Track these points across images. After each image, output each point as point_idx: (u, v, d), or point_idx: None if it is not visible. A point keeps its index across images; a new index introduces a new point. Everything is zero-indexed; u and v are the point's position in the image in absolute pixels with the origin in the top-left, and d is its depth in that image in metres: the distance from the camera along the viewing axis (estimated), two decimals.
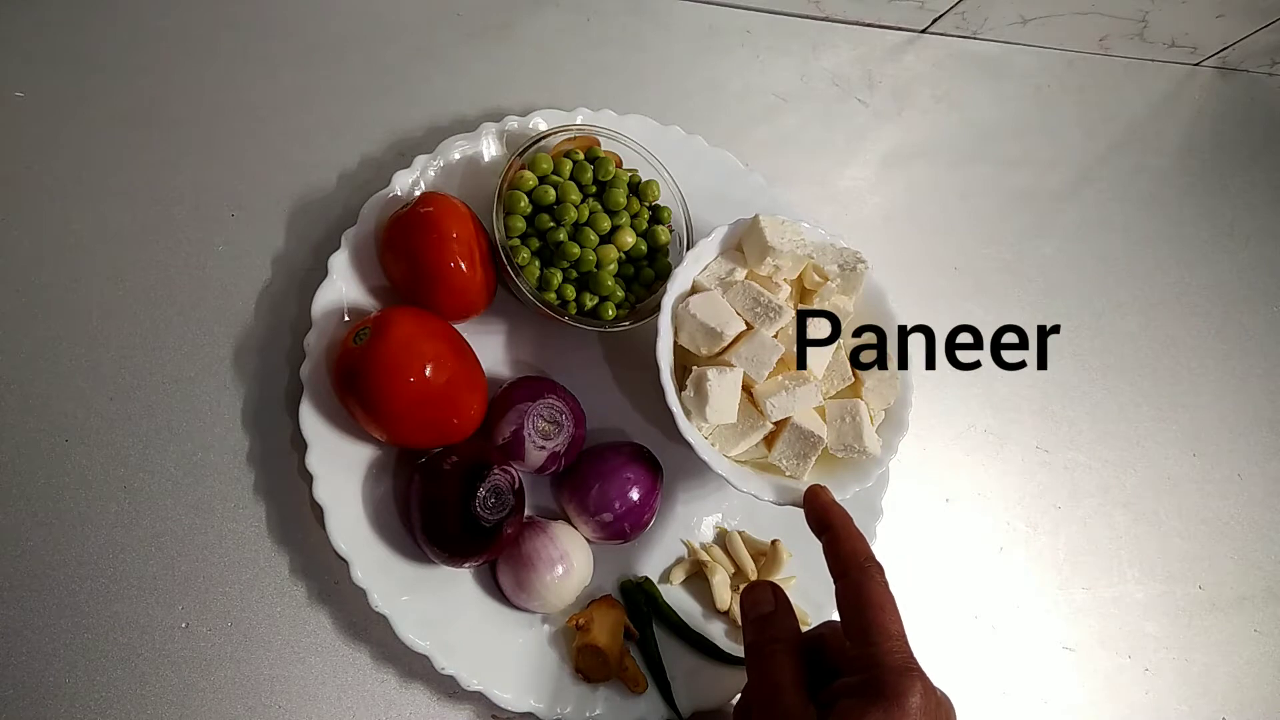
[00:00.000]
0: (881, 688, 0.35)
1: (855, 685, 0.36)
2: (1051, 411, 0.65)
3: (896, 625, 0.37)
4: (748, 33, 0.67)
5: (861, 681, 0.36)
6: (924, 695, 0.35)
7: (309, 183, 0.52)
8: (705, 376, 0.46)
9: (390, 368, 0.42)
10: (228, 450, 0.46)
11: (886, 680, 0.35)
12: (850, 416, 0.49)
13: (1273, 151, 0.81)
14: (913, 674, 0.35)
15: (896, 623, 0.38)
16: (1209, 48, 0.80)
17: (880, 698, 0.35)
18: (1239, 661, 0.63)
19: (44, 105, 0.49)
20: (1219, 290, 0.74)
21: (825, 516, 0.42)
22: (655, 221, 0.52)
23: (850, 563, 0.39)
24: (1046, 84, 0.76)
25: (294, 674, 0.44)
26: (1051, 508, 0.63)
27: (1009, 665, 0.58)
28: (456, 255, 0.46)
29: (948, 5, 0.69)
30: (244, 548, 0.45)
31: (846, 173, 0.66)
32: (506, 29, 0.60)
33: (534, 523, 0.47)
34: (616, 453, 0.49)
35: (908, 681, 0.35)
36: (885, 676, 0.35)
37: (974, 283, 0.67)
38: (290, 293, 0.49)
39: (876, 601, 0.38)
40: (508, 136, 0.53)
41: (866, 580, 0.38)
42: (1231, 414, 0.70)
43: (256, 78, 0.53)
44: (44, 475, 0.44)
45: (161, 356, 0.47)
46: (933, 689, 0.36)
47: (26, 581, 0.42)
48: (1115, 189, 0.75)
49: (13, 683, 0.41)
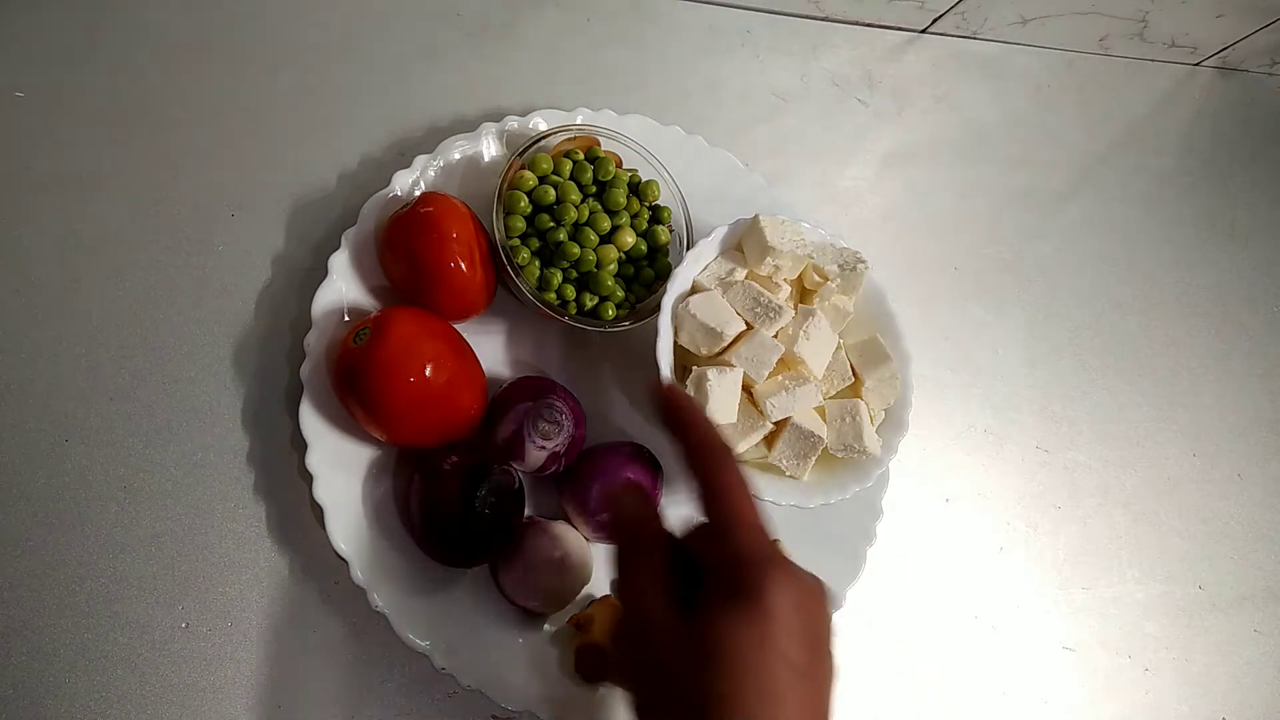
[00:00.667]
0: (741, 584, 0.33)
1: (717, 585, 0.34)
2: (1051, 411, 0.65)
3: (752, 514, 0.35)
4: (748, 33, 0.67)
5: (722, 580, 0.34)
6: (787, 586, 0.33)
7: (309, 183, 0.52)
8: (705, 376, 0.46)
9: (390, 368, 0.42)
10: (228, 450, 0.46)
11: (745, 576, 0.33)
12: (850, 416, 0.49)
13: (1273, 151, 0.81)
14: (772, 564, 0.33)
15: (752, 512, 0.35)
16: (1209, 48, 0.80)
17: (740, 595, 0.32)
18: (1239, 661, 0.63)
19: (44, 105, 0.49)
20: (1219, 290, 0.74)
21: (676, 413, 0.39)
22: (655, 221, 0.52)
23: (702, 455, 0.37)
24: (1046, 84, 0.76)
25: (294, 674, 0.44)
26: (1051, 508, 0.63)
27: (1009, 665, 0.58)
28: (456, 255, 0.46)
29: (948, 5, 0.69)
30: (244, 548, 0.45)
31: (846, 173, 0.66)
32: (506, 29, 0.60)
33: (534, 523, 0.47)
34: (616, 453, 0.49)
35: (767, 574, 0.33)
36: (744, 572, 0.33)
37: (974, 283, 0.67)
38: (290, 293, 0.49)
39: (735, 493, 0.35)
40: (508, 136, 0.53)
41: (720, 470, 0.36)
42: (1231, 414, 0.70)
43: (257, 78, 0.53)
44: (44, 475, 0.44)
45: (161, 356, 0.47)
46: (797, 577, 0.34)
47: (26, 581, 0.42)
48: (1115, 189, 0.75)
49: (13, 683, 0.41)
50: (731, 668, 0.31)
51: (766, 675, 0.31)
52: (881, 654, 0.55)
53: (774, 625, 0.32)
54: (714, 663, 0.31)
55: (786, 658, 0.32)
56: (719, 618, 0.32)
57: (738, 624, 0.32)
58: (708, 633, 0.32)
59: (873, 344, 0.51)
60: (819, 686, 0.33)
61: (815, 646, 0.33)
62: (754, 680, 0.31)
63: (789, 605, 0.32)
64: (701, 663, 0.32)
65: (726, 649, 0.31)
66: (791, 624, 0.32)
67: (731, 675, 0.31)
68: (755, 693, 0.31)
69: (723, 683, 0.31)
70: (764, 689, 0.31)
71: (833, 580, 0.52)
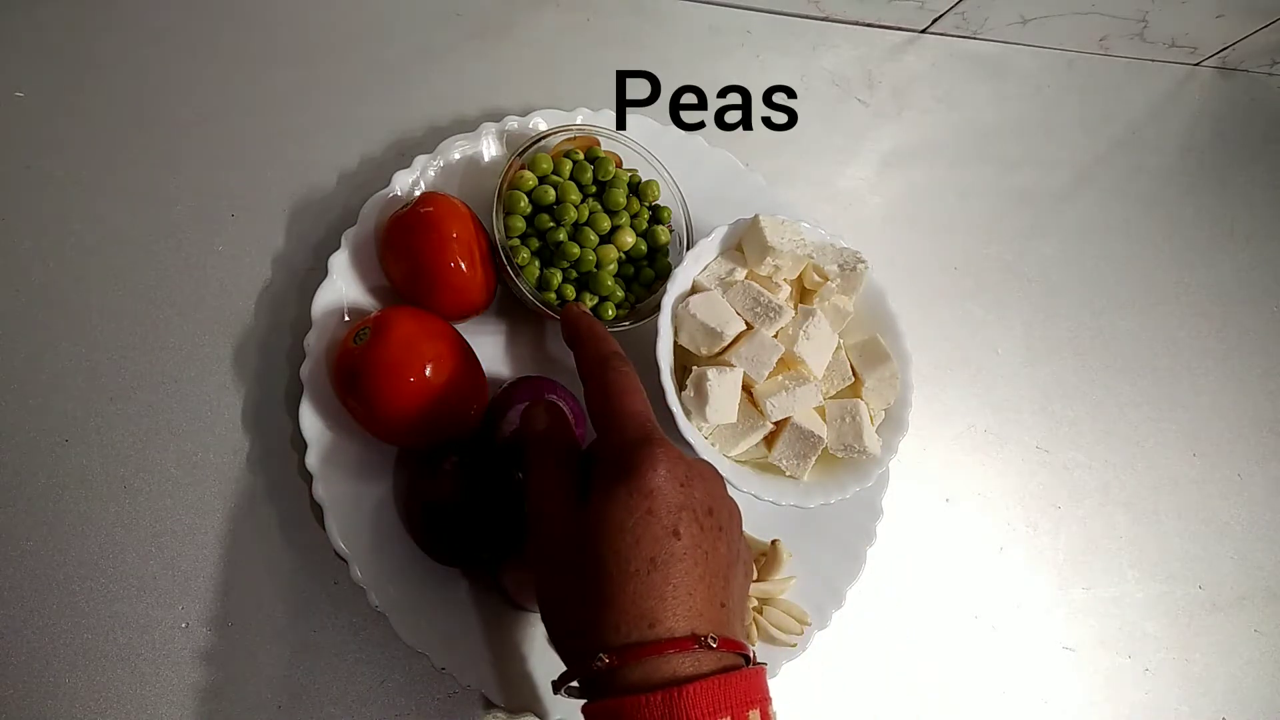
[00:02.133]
0: (622, 465, 0.34)
1: (602, 469, 0.35)
2: (1051, 411, 0.65)
3: (637, 405, 0.37)
4: (748, 33, 0.67)
5: (607, 464, 0.35)
6: (668, 464, 0.34)
7: (309, 183, 0.52)
8: (705, 376, 0.46)
9: (390, 368, 0.42)
10: (228, 450, 0.46)
11: (626, 457, 0.34)
12: (850, 416, 0.49)
13: (1273, 151, 0.81)
14: (652, 443, 0.35)
15: (638, 403, 0.37)
16: (1209, 48, 0.80)
17: (622, 473, 0.34)
18: (1239, 661, 0.63)
19: (44, 105, 0.49)
20: (1219, 290, 0.74)
21: (574, 326, 0.42)
22: (655, 221, 0.52)
23: (594, 362, 0.39)
24: (1046, 84, 0.76)
25: (294, 674, 0.44)
26: (1051, 508, 0.63)
27: (1009, 665, 0.58)
28: (456, 255, 0.46)
29: (948, 5, 0.69)
30: (244, 547, 0.45)
31: (846, 173, 0.66)
32: (506, 29, 0.60)
33: None
34: None
35: (647, 451, 0.34)
36: (626, 454, 0.34)
37: (974, 283, 0.67)
38: (290, 293, 0.49)
39: (618, 388, 0.37)
40: (508, 136, 0.53)
41: (608, 372, 0.38)
42: (1231, 414, 0.70)
43: (256, 78, 0.53)
44: (44, 475, 0.44)
45: (161, 356, 0.47)
46: (678, 456, 0.35)
47: (26, 581, 0.42)
48: (1115, 189, 0.75)
49: (13, 683, 0.41)
50: (617, 537, 0.33)
51: (650, 544, 0.33)
52: (881, 654, 0.55)
53: (656, 499, 0.33)
54: (600, 534, 0.33)
55: (671, 529, 0.33)
56: (604, 493, 0.34)
57: (621, 498, 0.33)
58: (594, 509, 0.34)
59: (873, 344, 0.51)
60: (713, 561, 0.34)
61: (705, 523, 0.34)
62: (638, 549, 0.32)
63: (672, 481, 0.34)
64: (591, 535, 0.33)
65: (611, 520, 0.33)
66: (674, 498, 0.34)
67: (616, 544, 0.33)
68: (640, 560, 0.32)
69: (609, 551, 0.33)
70: (648, 556, 0.32)
71: (833, 580, 0.53)
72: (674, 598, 0.32)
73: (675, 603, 0.32)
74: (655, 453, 0.34)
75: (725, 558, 0.35)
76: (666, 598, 0.32)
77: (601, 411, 0.37)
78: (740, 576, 0.37)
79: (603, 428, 0.37)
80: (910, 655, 0.56)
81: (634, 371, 0.39)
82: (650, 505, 0.33)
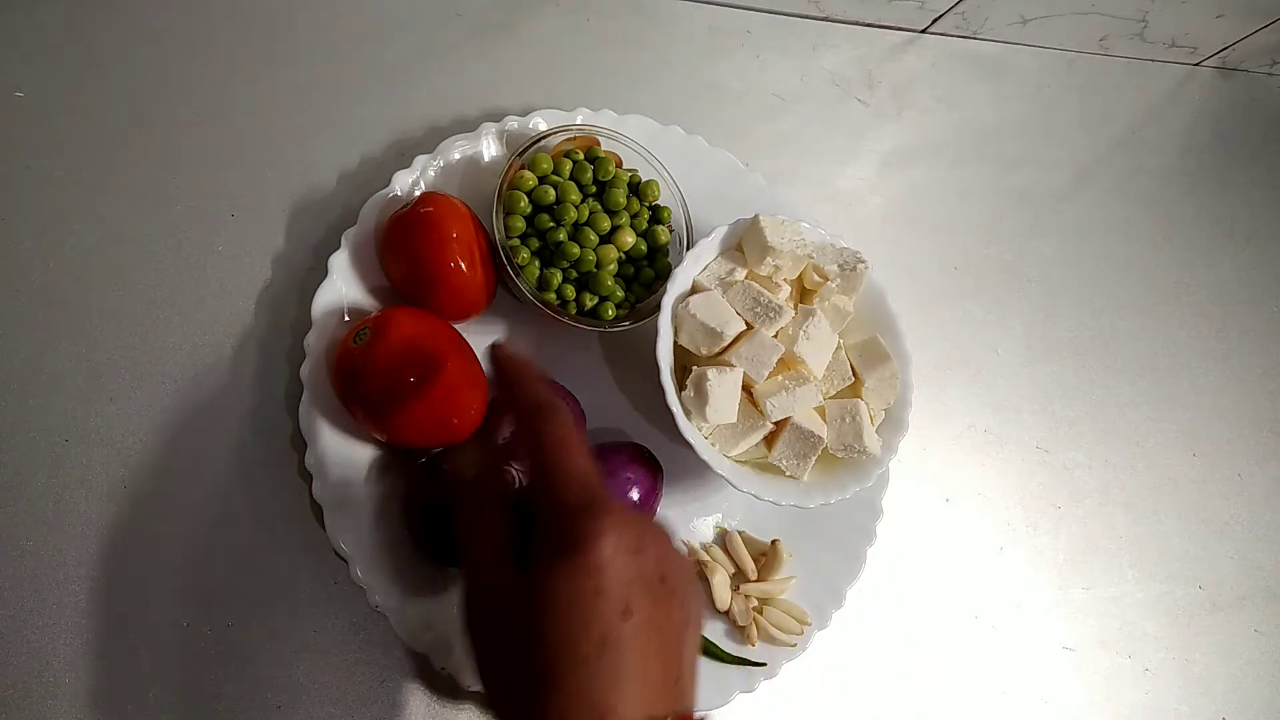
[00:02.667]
0: (567, 534, 0.31)
1: (546, 537, 0.32)
2: (1051, 411, 0.65)
3: (581, 461, 0.34)
4: (748, 33, 0.67)
5: (550, 532, 0.32)
6: (617, 532, 0.31)
7: (309, 183, 0.52)
8: (705, 376, 0.46)
9: (390, 368, 0.42)
10: (228, 450, 0.46)
11: (571, 526, 0.31)
12: (850, 416, 0.49)
13: (1273, 151, 0.81)
14: (598, 511, 0.31)
15: (580, 459, 0.34)
16: (1209, 48, 0.80)
17: (567, 545, 0.31)
18: (1239, 661, 0.63)
19: (44, 105, 0.49)
20: (1219, 290, 0.74)
21: (504, 369, 0.39)
22: (655, 221, 0.52)
23: (530, 410, 0.35)
24: (1046, 84, 0.76)
25: (294, 674, 0.44)
26: (1051, 508, 0.63)
27: (1009, 665, 0.58)
28: (456, 255, 0.46)
29: (948, 5, 0.69)
30: (244, 548, 0.45)
31: (846, 173, 0.66)
32: (506, 29, 0.60)
33: None
34: (616, 453, 0.49)
35: (593, 519, 0.31)
36: (570, 523, 0.31)
37: (974, 283, 0.67)
38: (290, 293, 0.49)
39: (557, 441, 0.34)
40: (508, 136, 0.53)
41: (546, 423, 0.35)
42: (1231, 414, 0.70)
43: (256, 78, 0.53)
44: (44, 475, 0.44)
45: (161, 356, 0.47)
46: (630, 523, 0.32)
47: (26, 581, 0.42)
48: (1115, 189, 0.75)
49: (13, 683, 0.41)
50: (563, 620, 0.30)
51: (599, 626, 0.30)
52: (881, 654, 0.55)
53: (605, 574, 0.31)
54: (545, 616, 0.30)
55: (622, 606, 0.31)
56: (548, 571, 0.31)
57: (566, 575, 0.31)
58: (538, 587, 0.31)
59: (873, 344, 0.51)
60: (666, 633, 0.32)
61: (658, 592, 0.32)
62: (586, 630, 0.30)
63: (622, 552, 0.31)
64: (534, 617, 0.31)
65: (556, 601, 0.30)
66: (624, 571, 0.31)
67: (563, 626, 0.30)
68: (589, 643, 0.30)
69: (555, 634, 0.30)
70: (598, 638, 0.30)
71: (833, 580, 0.53)
72: (627, 682, 0.30)
73: (628, 688, 0.30)
74: (602, 522, 0.31)
75: (678, 624, 0.33)
76: (619, 683, 0.30)
77: (541, 468, 0.34)
78: (693, 637, 0.34)
79: (543, 484, 0.34)
80: (910, 655, 0.56)
81: (571, 420, 0.36)
82: (598, 582, 0.30)
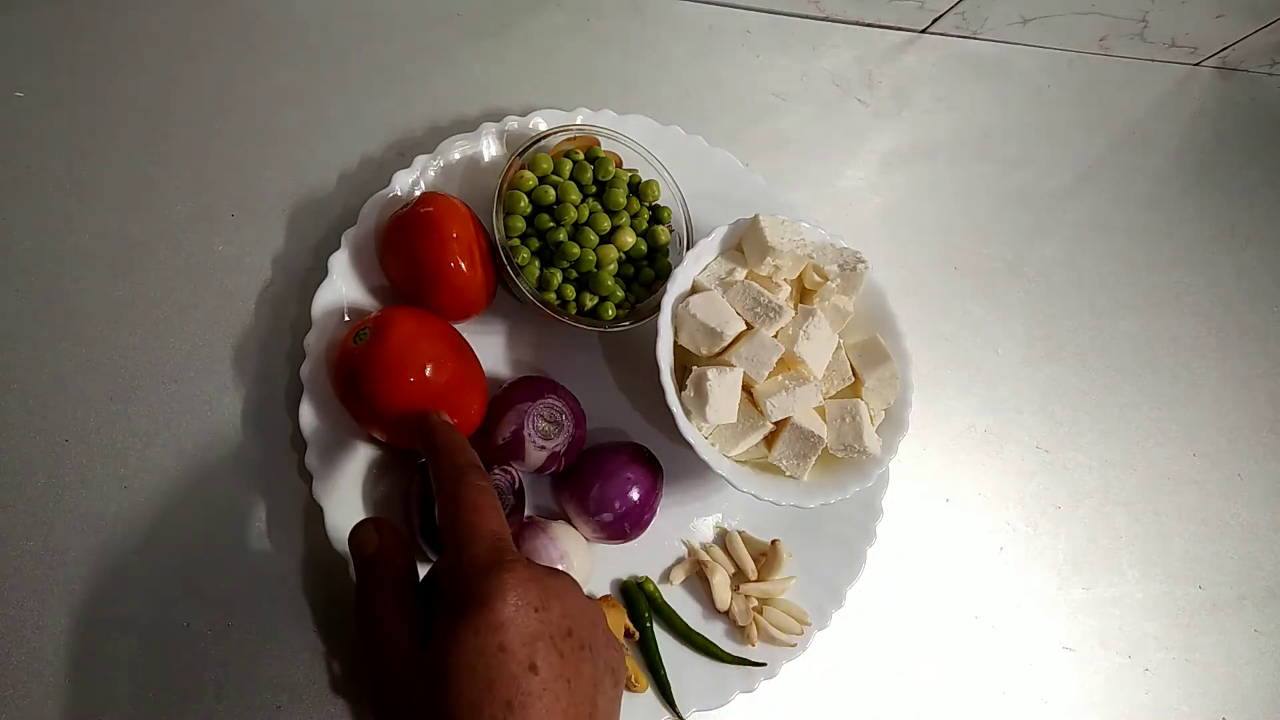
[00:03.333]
0: (468, 595, 0.30)
1: (448, 601, 0.31)
2: (1051, 411, 0.65)
3: (491, 523, 0.33)
4: (748, 33, 0.67)
5: (452, 595, 0.31)
6: (520, 589, 0.30)
7: (309, 183, 0.52)
8: (705, 376, 0.46)
9: (390, 368, 0.42)
10: (228, 450, 0.46)
11: (472, 587, 0.30)
12: (850, 416, 0.49)
13: (1273, 151, 0.81)
14: (500, 569, 0.30)
15: (490, 519, 0.33)
16: (1209, 48, 0.80)
17: (468, 607, 0.30)
18: (1239, 661, 0.63)
19: (44, 105, 0.49)
20: (1219, 290, 0.74)
21: (431, 435, 0.38)
22: (655, 221, 0.52)
23: (448, 475, 0.35)
24: (1046, 84, 0.76)
25: (294, 674, 0.44)
26: (1051, 508, 0.63)
27: (1009, 665, 0.58)
28: (456, 255, 0.46)
29: (948, 5, 0.69)
30: (244, 547, 0.45)
31: (846, 173, 0.66)
32: (506, 29, 0.60)
33: (534, 523, 0.47)
34: (616, 453, 0.49)
35: (494, 577, 0.30)
36: (471, 584, 0.30)
37: (974, 283, 0.67)
38: (290, 293, 0.49)
39: (469, 504, 0.33)
40: (508, 136, 0.53)
41: (461, 486, 0.34)
42: (1231, 414, 0.70)
43: (256, 78, 0.53)
44: (44, 475, 0.44)
45: (161, 356, 0.47)
46: (534, 578, 0.31)
47: (26, 581, 0.42)
48: (1115, 189, 0.75)
49: (13, 682, 0.41)
50: (467, 683, 0.29)
51: (505, 685, 0.29)
52: (881, 654, 0.55)
53: (507, 632, 0.30)
54: (449, 681, 0.30)
55: (527, 663, 0.30)
56: (449, 634, 0.30)
57: (468, 635, 0.30)
58: (440, 652, 0.30)
59: (873, 344, 0.51)
60: (577, 688, 0.31)
61: (565, 646, 0.31)
62: (491, 693, 0.29)
63: (524, 609, 0.30)
64: (438, 684, 0.30)
65: (459, 664, 0.29)
66: (527, 628, 0.30)
67: (467, 692, 0.29)
68: (495, 705, 0.29)
69: (459, 701, 0.29)
70: (503, 700, 0.29)
71: (833, 580, 0.53)
72: None
73: None
74: (504, 579, 0.30)
75: (590, 678, 0.32)
76: None
77: (450, 530, 0.33)
78: (609, 688, 0.34)
79: (450, 548, 0.33)
80: (910, 655, 0.56)
81: (491, 487, 0.35)
82: (501, 640, 0.30)
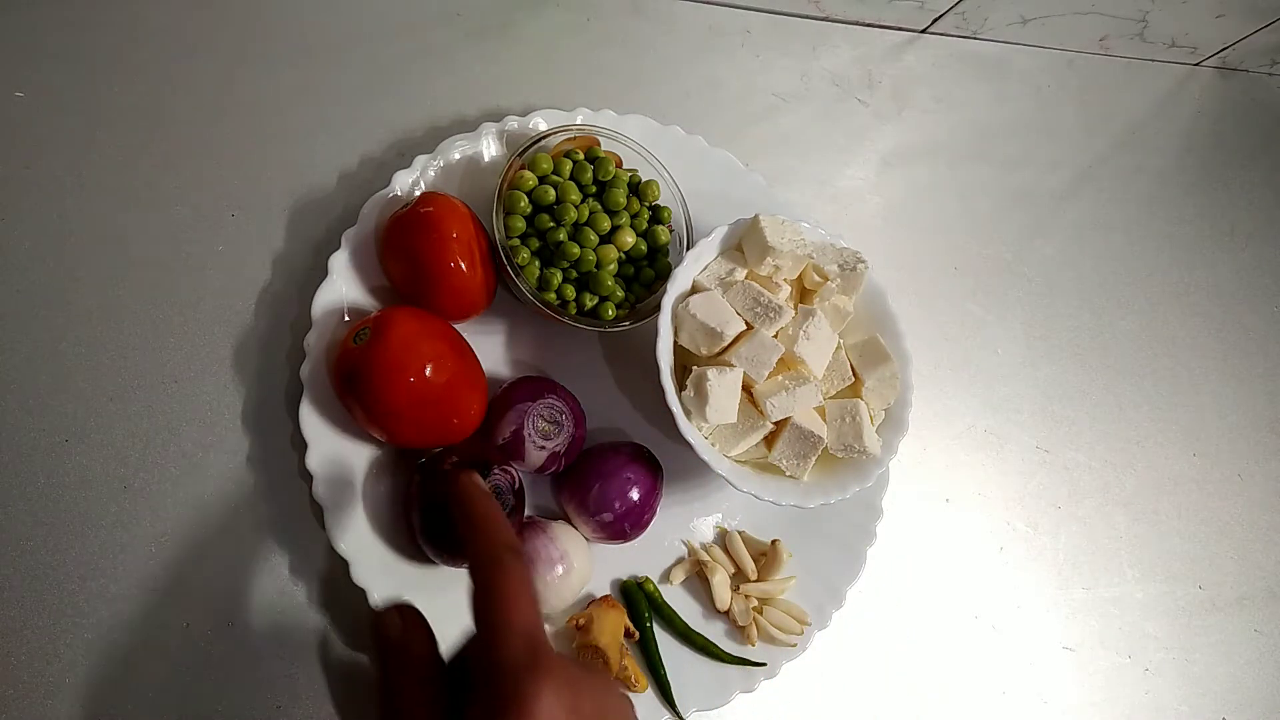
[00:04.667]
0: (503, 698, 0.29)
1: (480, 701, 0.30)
2: (1051, 411, 0.65)
3: (525, 617, 0.31)
4: (748, 33, 0.67)
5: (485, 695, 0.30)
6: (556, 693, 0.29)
7: (309, 183, 0.52)
8: (705, 376, 0.46)
9: (390, 368, 0.42)
10: (228, 450, 0.46)
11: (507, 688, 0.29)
12: (850, 416, 0.49)
13: (1273, 151, 0.81)
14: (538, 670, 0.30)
15: (527, 615, 0.31)
16: (1209, 48, 0.80)
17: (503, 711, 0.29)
18: (1239, 661, 0.63)
19: (44, 105, 0.49)
20: (1219, 290, 0.74)
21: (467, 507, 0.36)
22: (655, 221, 0.52)
23: (484, 557, 0.33)
24: (1046, 84, 0.76)
25: (294, 674, 0.44)
26: (1051, 508, 0.63)
27: (1009, 665, 0.58)
28: (456, 255, 0.46)
29: (948, 5, 0.69)
30: (244, 547, 0.45)
31: (846, 173, 0.66)
32: (506, 29, 0.60)
33: (534, 523, 0.47)
34: (616, 453, 0.49)
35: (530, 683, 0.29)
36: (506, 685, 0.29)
37: (974, 283, 0.67)
38: (290, 293, 0.49)
39: (504, 593, 0.32)
40: (508, 136, 0.53)
41: (497, 571, 0.32)
42: (1231, 414, 0.70)
43: (256, 78, 0.53)
44: (44, 475, 0.44)
45: (161, 356, 0.47)
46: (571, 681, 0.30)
47: (26, 581, 0.42)
48: (1115, 189, 0.75)
49: (13, 682, 0.41)
50: None
51: None
52: (881, 654, 0.55)
53: None
54: None
55: None
56: None
57: None
58: None
59: (873, 344, 0.51)
60: None
61: None
62: None
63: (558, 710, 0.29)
64: None
65: None
66: None
67: None
68: None
69: None
70: None
71: (833, 580, 0.53)
72: None
73: None
74: (543, 684, 0.29)
75: None
76: None
77: (484, 620, 0.32)
78: None
79: (482, 639, 0.32)
80: (910, 655, 0.56)
81: (528, 569, 0.34)
82: None
